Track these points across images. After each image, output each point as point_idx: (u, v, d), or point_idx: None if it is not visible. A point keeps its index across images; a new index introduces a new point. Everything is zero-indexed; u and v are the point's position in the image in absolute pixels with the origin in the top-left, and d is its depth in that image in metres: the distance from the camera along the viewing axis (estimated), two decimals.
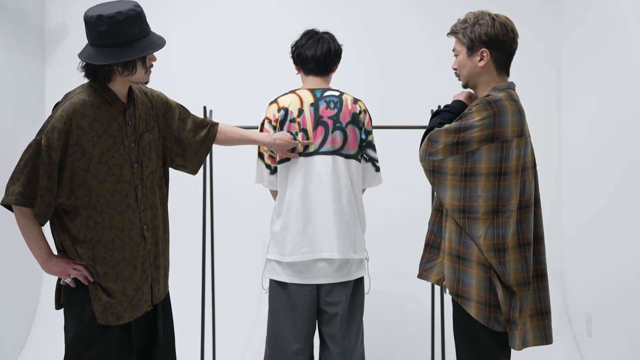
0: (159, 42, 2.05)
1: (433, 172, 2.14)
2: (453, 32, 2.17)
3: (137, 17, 1.99)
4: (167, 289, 2.33)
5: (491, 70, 2.13)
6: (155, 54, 2.09)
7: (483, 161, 2.05)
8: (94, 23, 1.96)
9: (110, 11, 1.96)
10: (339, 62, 2.63)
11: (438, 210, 2.22)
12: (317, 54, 2.54)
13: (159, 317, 2.25)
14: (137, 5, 2.02)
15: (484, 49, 2.10)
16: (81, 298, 2.08)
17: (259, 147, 2.61)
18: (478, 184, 2.06)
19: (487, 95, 2.09)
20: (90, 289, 2.07)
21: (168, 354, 2.30)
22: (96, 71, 2.01)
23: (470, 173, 2.07)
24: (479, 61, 2.12)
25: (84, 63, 2.03)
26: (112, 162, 2.06)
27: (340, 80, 2.86)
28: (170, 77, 3.98)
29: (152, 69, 2.12)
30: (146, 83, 2.16)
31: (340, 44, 2.62)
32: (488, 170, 2.05)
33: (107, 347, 2.09)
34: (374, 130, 2.67)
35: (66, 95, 2.09)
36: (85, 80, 2.10)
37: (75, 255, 2.06)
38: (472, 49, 2.12)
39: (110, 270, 2.06)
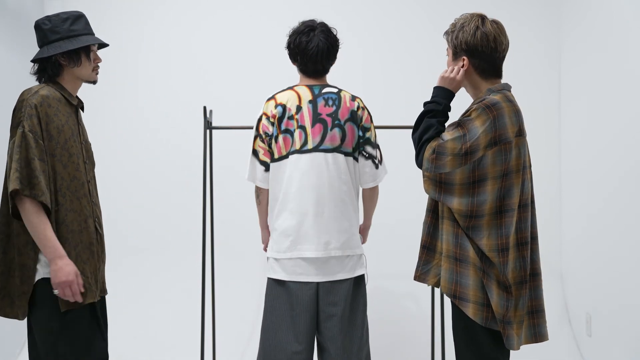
0: (102, 41, 2.26)
1: (440, 182, 2.11)
2: (445, 34, 2.24)
3: (80, 16, 2.23)
4: (105, 288, 2.36)
5: (473, 76, 2.19)
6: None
7: (490, 166, 2.05)
8: (41, 23, 2.18)
9: (56, 13, 2.20)
10: (336, 57, 2.59)
11: (432, 212, 2.23)
12: (312, 54, 2.49)
13: (99, 317, 2.27)
14: (82, 13, 2.24)
15: (464, 57, 2.16)
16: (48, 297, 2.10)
17: (253, 144, 2.58)
18: (486, 188, 2.06)
19: (484, 99, 2.10)
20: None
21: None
22: (45, 68, 2.18)
23: (478, 180, 2.07)
24: (462, 67, 2.18)
25: (36, 67, 2.19)
26: (72, 150, 2.17)
27: (341, 80, 2.86)
28: (168, 78, 3.99)
29: (99, 69, 2.28)
30: (94, 83, 2.29)
31: (335, 34, 2.55)
32: (494, 174, 2.06)
33: (80, 328, 2.15)
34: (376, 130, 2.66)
35: (24, 93, 2.13)
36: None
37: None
38: (455, 54, 2.19)
39: (72, 251, 2.13)
